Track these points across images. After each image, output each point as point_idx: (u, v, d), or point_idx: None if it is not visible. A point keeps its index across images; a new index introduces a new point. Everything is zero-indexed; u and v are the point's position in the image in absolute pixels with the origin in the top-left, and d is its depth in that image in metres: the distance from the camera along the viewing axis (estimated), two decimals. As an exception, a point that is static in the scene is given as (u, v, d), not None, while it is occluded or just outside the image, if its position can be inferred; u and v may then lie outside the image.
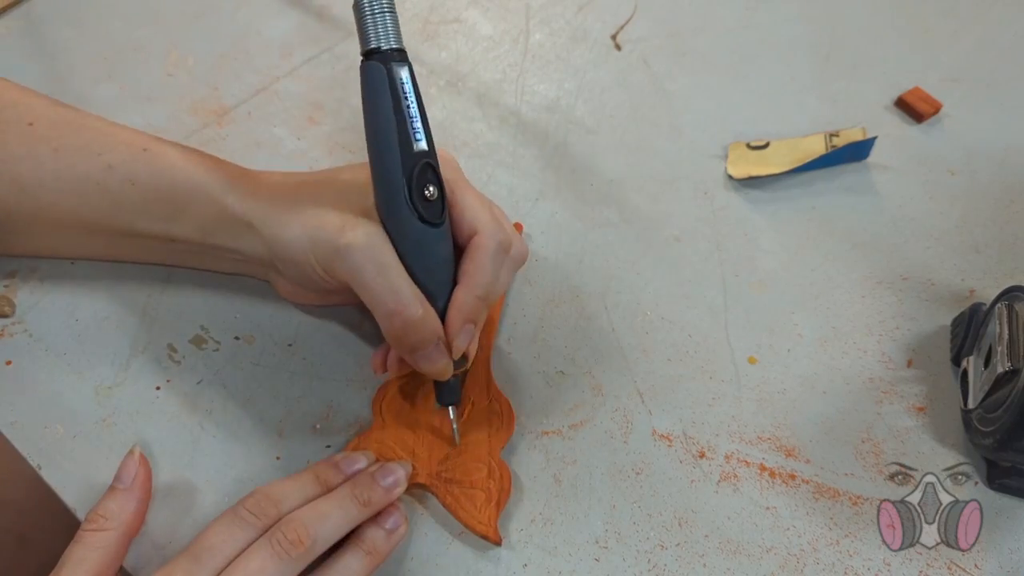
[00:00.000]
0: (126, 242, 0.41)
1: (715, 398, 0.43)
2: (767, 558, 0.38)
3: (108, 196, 0.39)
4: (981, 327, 0.42)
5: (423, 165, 0.34)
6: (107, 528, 0.34)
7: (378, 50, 0.34)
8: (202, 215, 0.39)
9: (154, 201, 0.39)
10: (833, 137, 0.52)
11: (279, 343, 0.43)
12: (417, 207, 0.34)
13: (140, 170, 0.39)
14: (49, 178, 0.38)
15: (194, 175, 0.39)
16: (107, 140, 0.39)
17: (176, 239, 0.40)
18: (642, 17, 0.60)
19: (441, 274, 0.36)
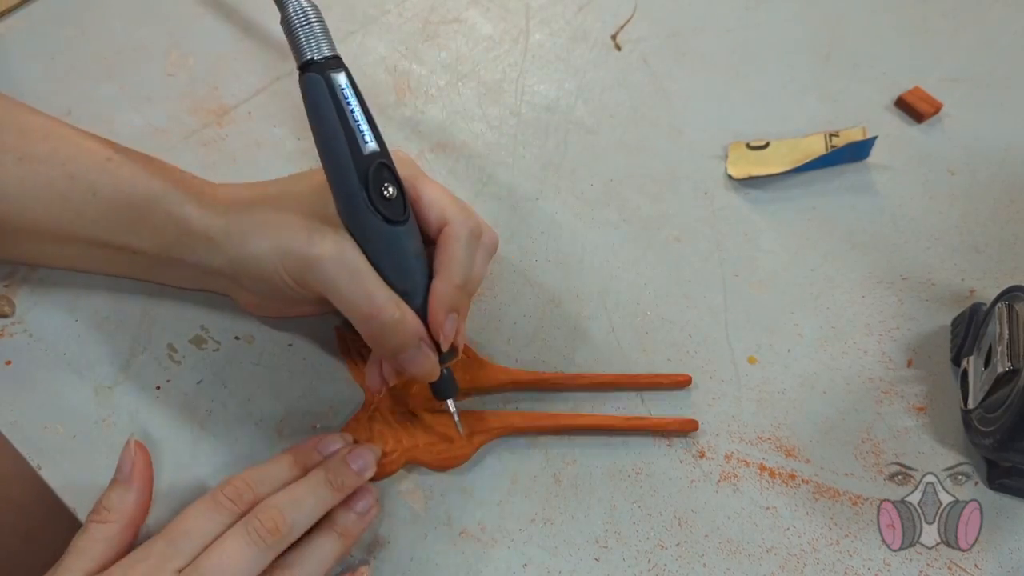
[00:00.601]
0: (94, 252, 0.41)
1: (715, 398, 0.43)
2: (767, 558, 0.38)
3: (70, 206, 0.38)
4: (981, 327, 0.42)
5: (377, 166, 0.34)
6: (110, 520, 0.35)
7: (312, 61, 0.34)
8: (160, 227, 0.39)
9: (115, 212, 0.38)
10: (833, 137, 0.52)
11: (279, 343, 0.43)
12: (378, 208, 0.34)
13: (102, 181, 0.38)
14: (12, 185, 0.38)
15: (153, 188, 0.38)
16: (72, 149, 0.39)
17: (137, 251, 0.40)
18: (642, 17, 0.60)
19: (415, 271, 0.36)
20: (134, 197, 0.38)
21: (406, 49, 0.57)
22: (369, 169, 0.34)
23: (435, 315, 0.36)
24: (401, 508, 0.39)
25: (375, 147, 0.34)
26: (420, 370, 0.36)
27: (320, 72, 0.33)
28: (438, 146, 0.52)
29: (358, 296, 0.34)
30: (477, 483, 0.40)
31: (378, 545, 0.38)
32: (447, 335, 0.36)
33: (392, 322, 0.34)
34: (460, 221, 0.36)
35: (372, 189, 0.34)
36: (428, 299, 0.36)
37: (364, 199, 0.34)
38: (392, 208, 0.35)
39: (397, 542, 0.38)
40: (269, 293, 0.38)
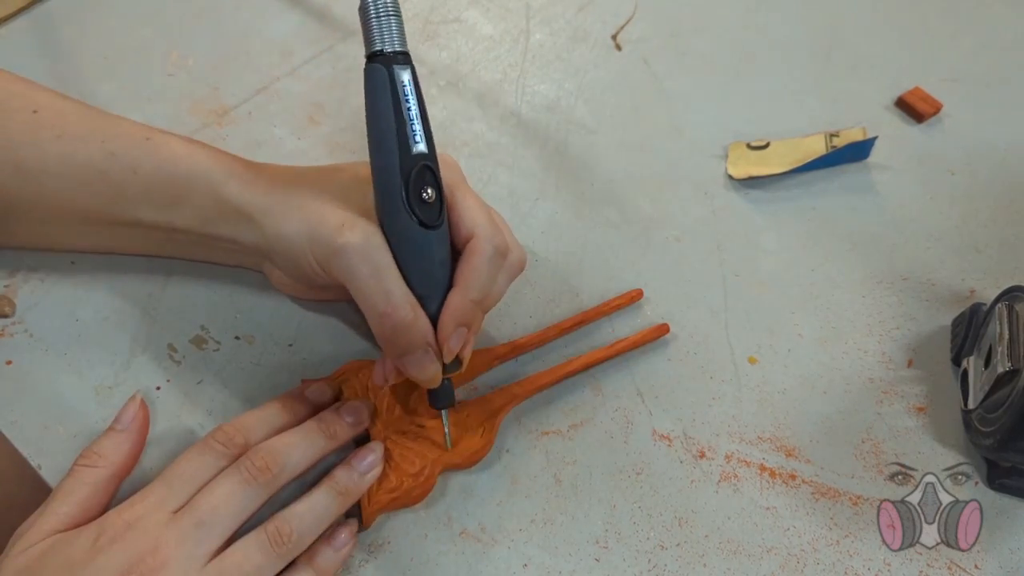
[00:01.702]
0: (126, 232, 0.41)
1: (715, 398, 0.43)
2: (767, 558, 0.38)
3: (110, 184, 0.39)
4: (981, 327, 0.42)
5: (421, 167, 0.34)
6: (99, 465, 0.36)
7: (381, 52, 0.34)
8: (202, 204, 0.39)
9: (155, 190, 0.39)
10: (833, 137, 0.52)
11: (279, 343, 0.43)
12: (414, 209, 0.34)
13: (142, 158, 0.39)
14: (52, 164, 0.39)
15: (195, 164, 0.39)
16: (110, 129, 0.40)
17: (176, 228, 0.40)
18: (642, 17, 0.60)
19: (437, 277, 0.36)
20: (176, 174, 0.39)
21: (406, 49, 0.57)
22: (413, 169, 0.34)
23: (444, 326, 0.36)
24: (401, 508, 0.39)
25: (424, 149, 0.34)
26: (422, 375, 0.36)
27: (386, 64, 0.34)
28: (438, 146, 0.51)
29: (376, 292, 0.34)
30: (477, 483, 0.40)
31: (378, 545, 0.38)
32: (451, 348, 0.36)
33: (404, 323, 0.35)
34: (487, 236, 0.36)
35: (412, 190, 0.34)
36: (442, 309, 0.36)
37: (402, 198, 0.34)
38: (428, 212, 0.35)
39: (397, 542, 0.38)
40: (298, 275, 0.39)
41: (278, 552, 0.33)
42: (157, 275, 0.45)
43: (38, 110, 0.39)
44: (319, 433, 0.37)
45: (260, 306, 0.44)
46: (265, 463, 0.34)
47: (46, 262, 0.44)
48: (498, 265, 0.37)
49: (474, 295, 0.36)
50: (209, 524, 0.33)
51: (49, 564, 0.32)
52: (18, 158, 0.39)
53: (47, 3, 0.57)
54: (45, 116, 0.39)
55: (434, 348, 0.36)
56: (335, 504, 0.36)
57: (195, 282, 0.45)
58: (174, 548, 0.32)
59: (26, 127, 0.39)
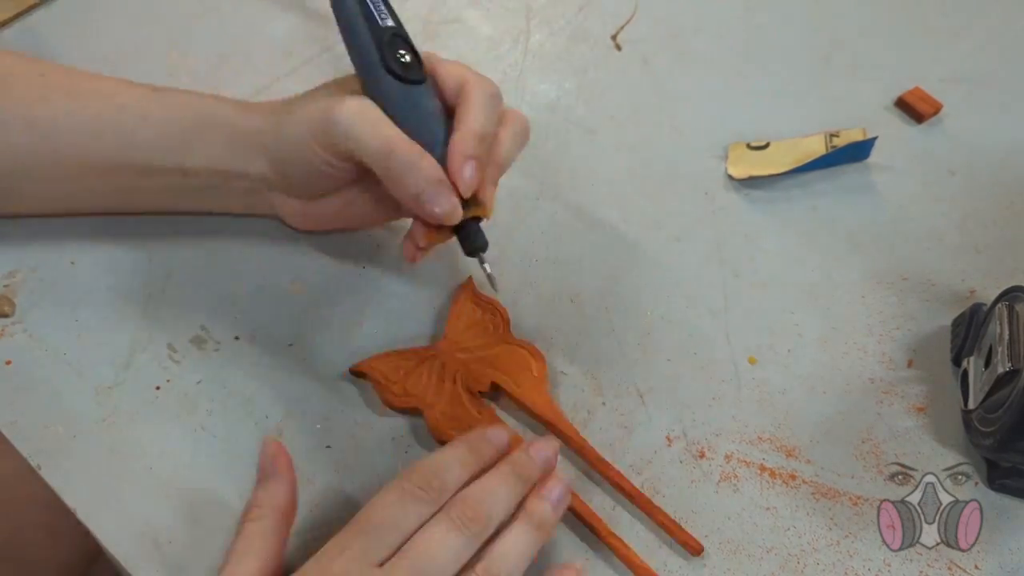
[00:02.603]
0: (140, 183, 0.42)
1: (715, 398, 0.43)
2: (767, 558, 0.38)
3: (121, 133, 0.40)
4: (981, 327, 0.41)
5: (392, 36, 0.37)
6: (263, 515, 0.34)
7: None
8: (212, 140, 0.40)
9: (166, 133, 0.40)
10: (833, 137, 0.52)
11: (279, 343, 0.43)
12: (392, 68, 0.37)
13: (152, 106, 0.41)
14: (62, 118, 0.40)
15: (203, 106, 0.41)
16: (117, 86, 0.42)
17: (189, 172, 0.41)
18: (642, 17, 0.60)
19: (434, 127, 0.38)
20: (185, 117, 0.40)
21: (406, 49, 0.57)
22: (384, 37, 0.37)
23: (453, 160, 0.36)
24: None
25: (392, 23, 0.38)
26: (441, 210, 0.36)
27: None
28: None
29: (378, 141, 0.36)
30: (477, 483, 0.40)
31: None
32: (466, 180, 0.36)
33: (410, 160, 0.36)
34: (477, 81, 0.38)
35: (388, 53, 0.37)
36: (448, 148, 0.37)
37: (380, 62, 0.37)
38: (408, 70, 0.37)
39: (397, 542, 0.38)
40: (308, 184, 0.40)
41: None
42: (157, 275, 0.45)
43: (45, 74, 0.41)
44: (516, 477, 0.34)
45: (260, 306, 0.44)
46: (476, 513, 0.32)
47: (46, 262, 0.44)
48: (495, 106, 0.38)
49: (476, 127, 0.37)
50: (429, 569, 0.31)
51: None
52: (29, 115, 0.40)
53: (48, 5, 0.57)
54: (53, 78, 0.41)
55: (446, 184, 0.36)
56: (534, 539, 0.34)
57: (195, 282, 0.45)
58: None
59: (35, 87, 0.40)
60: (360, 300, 0.45)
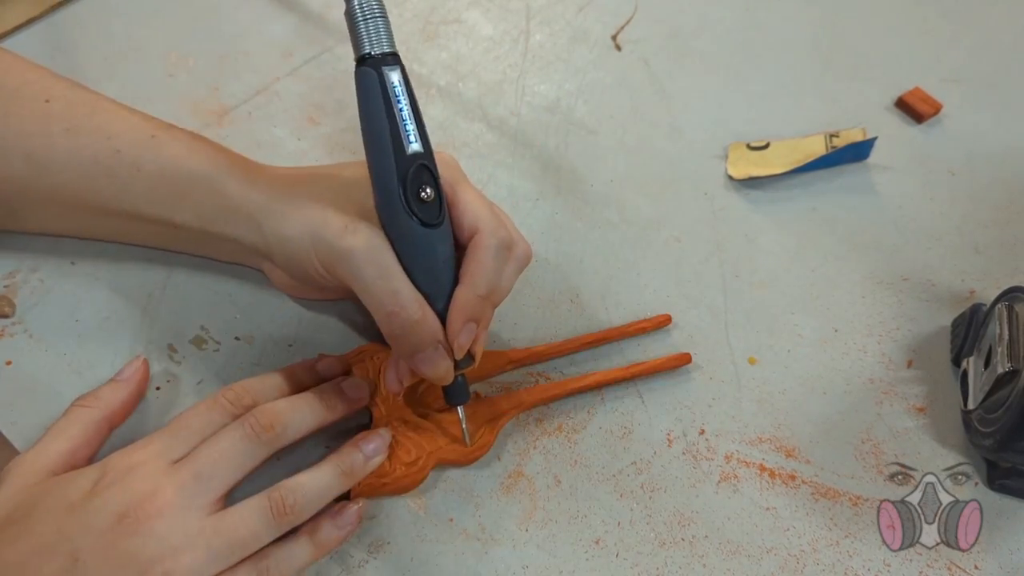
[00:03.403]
0: (130, 225, 0.42)
1: (715, 398, 0.43)
2: (767, 559, 0.38)
3: (114, 180, 0.40)
4: (981, 328, 0.42)
5: (418, 167, 0.35)
6: (94, 406, 0.37)
7: (370, 55, 0.34)
8: (203, 203, 0.40)
9: (157, 187, 0.40)
10: (833, 137, 0.52)
11: (279, 343, 0.43)
12: (414, 209, 0.35)
13: (146, 157, 0.40)
14: (60, 156, 0.39)
15: (197, 164, 0.39)
16: (118, 124, 0.40)
17: (177, 225, 0.41)
18: (642, 17, 0.60)
19: (442, 276, 0.36)
20: (178, 173, 0.39)
21: (406, 49, 0.57)
22: (410, 169, 0.34)
23: (453, 323, 0.36)
24: (401, 508, 0.39)
25: (419, 148, 0.35)
26: (434, 372, 0.36)
27: (375, 67, 0.34)
28: (438, 146, 0.51)
29: (383, 292, 0.35)
30: (477, 483, 0.40)
31: (378, 545, 0.38)
32: (462, 344, 0.36)
33: (412, 322, 0.35)
34: (491, 231, 0.37)
35: (410, 190, 0.34)
36: (450, 305, 0.36)
37: (401, 199, 0.34)
38: (428, 211, 0.35)
39: (397, 542, 0.38)
40: (300, 276, 0.39)
41: (277, 521, 0.34)
42: (157, 275, 0.45)
43: (50, 100, 0.40)
44: (320, 403, 0.37)
45: (260, 306, 0.44)
46: (269, 421, 0.35)
47: (46, 262, 0.45)
48: (504, 258, 0.37)
49: (481, 290, 0.36)
50: (208, 476, 0.33)
51: (47, 502, 0.33)
52: (29, 148, 0.39)
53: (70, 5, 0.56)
54: (56, 107, 0.40)
55: (444, 345, 0.36)
56: (337, 482, 0.36)
57: (195, 282, 0.45)
58: (172, 496, 0.32)
59: (37, 118, 0.40)
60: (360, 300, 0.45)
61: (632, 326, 0.44)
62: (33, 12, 0.55)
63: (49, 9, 0.55)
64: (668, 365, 0.43)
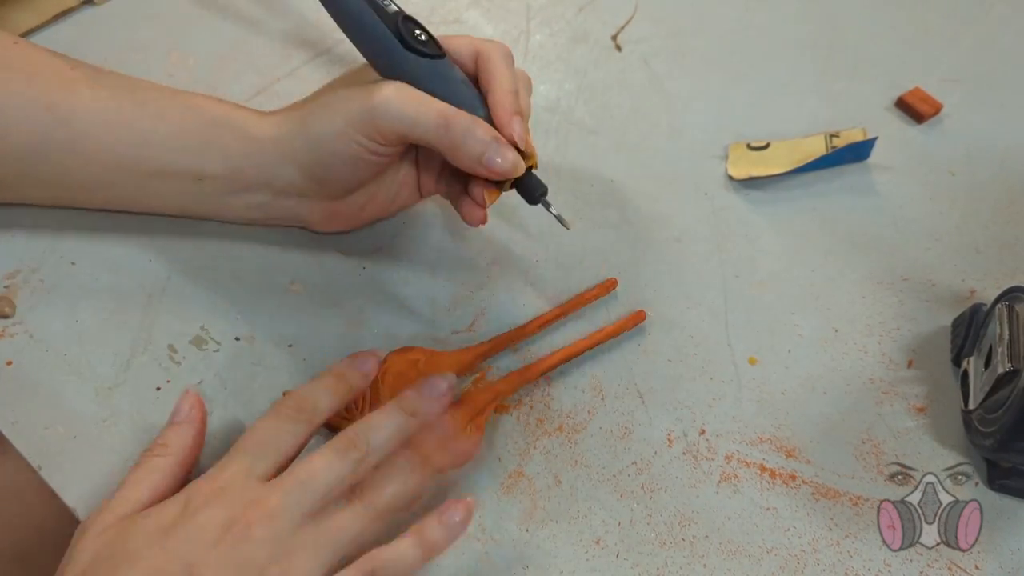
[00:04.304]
0: (155, 184, 0.42)
1: (715, 398, 0.43)
2: (767, 559, 0.38)
3: (139, 130, 0.40)
4: (981, 328, 0.42)
5: (403, 18, 0.38)
6: (167, 454, 0.36)
7: None
8: (231, 147, 0.41)
9: (183, 134, 0.41)
10: (833, 138, 0.52)
11: (279, 343, 0.43)
12: (415, 47, 0.38)
13: (170, 107, 0.41)
14: (83, 106, 0.40)
15: (221, 110, 0.41)
16: (139, 84, 0.42)
17: (205, 176, 0.41)
18: (642, 18, 0.60)
19: (467, 93, 0.39)
20: (201, 119, 0.41)
21: (406, 49, 0.57)
22: (397, 21, 0.38)
23: (502, 117, 0.38)
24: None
25: (396, 8, 0.38)
26: (507, 164, 0.38)
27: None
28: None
29: (431, 115, 0.37)
30: (477, 483, 0.40)
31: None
32: (518, 133, 0.38)
33: (467, 123, 0.37)
34: (493, 47, 0.40)
35: (405, 35, 0.38)
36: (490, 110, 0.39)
37: (399, 44, 0.38)
38: (428, 47, 0.38)
39: (397, 542, 0.38)
40: (344, 175, 0.40)
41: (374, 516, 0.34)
42: (157, 275, 0.45)
43: (75, 67, 0.42)
44: (399, 411, 0.36)
45: (260, 306, 0.44)
46: (355, 442, 0.34)
47: (46, 262, 0.44)
48: (511, 64, 0.40)
49: (509, 86, 0.39)
50: (310, 484, 0.33)
51: (136, 536, 0.32)
52: (50, 100, 0.40)
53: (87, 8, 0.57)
54: (81, 71, 0.42)
55: (502, 139, 0.38)
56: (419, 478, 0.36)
57: (195, 282, 0.45)
58: (278, 501, 0.32)
59: (61, 76, 0.41)
60: (360, 300, 0.45)
61: (580, 297, 0.45)
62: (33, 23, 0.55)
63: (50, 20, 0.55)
64: (627, 326, 0.44)
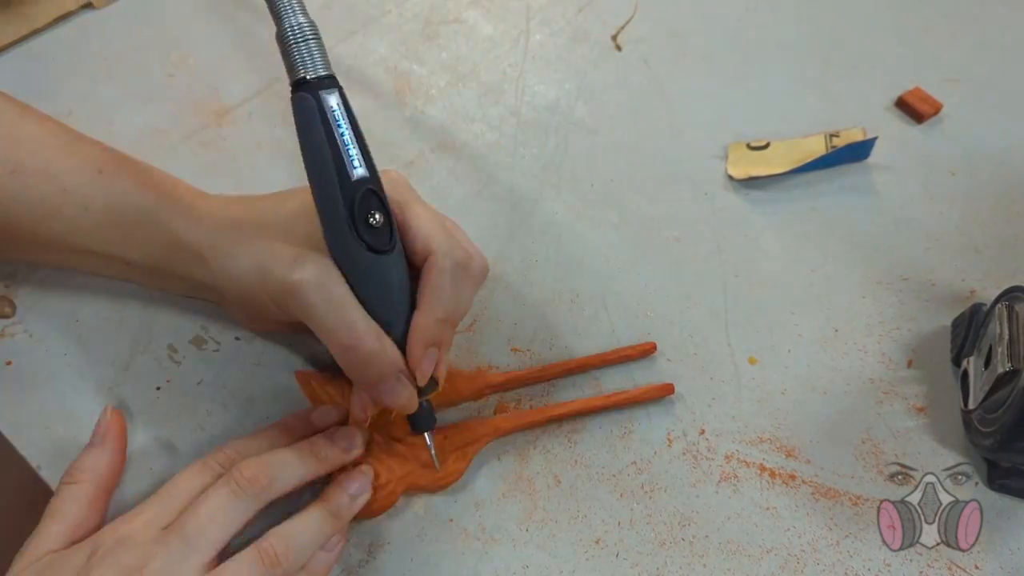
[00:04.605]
0: (88, 260, 0.41)
1: (715, 398, 0.43)
2: (767, 558, 0.38)
3: (63, 219, 0.39)
4: (981, 327, 0.42)
5: (364, 192, 0.33)
6: (82, 480, 0.36)
7: (305, 80, 0.33)
8: (150, 241, 0.39)
9: (105, 226, 0.39)
10: (833, 137, 0.52)
11: (279, 343, 0.43)
12: (363, 236, 0.33)
13: (93, 195, 0.39)
14: (10, 198, 0.39)
15: (143, 201, 0.39)
16: (64, 162, 0.39)
17: (129, 263, 0.40)
18: (642, 17, 0.60)
19: (397, 302, 0.35)
20: (125, 211, 0.39)
21: (406, 49, 0.57)
22: (356, 195, 0.33)
23: (413, 350, 0.35)
24: (401, 509, 0.39)
25: (364, 173, 0.33)
26: (397, 402, 0.35)
27: (312, 92, 0.32)
28: (438, 147, 0.52)
29: (338, 325, 0.33)
30: (477, 483, 0.40)
31: (378, 545, 0.38)
32: (424, 371, 0.35)
33: (371, 354, 0.33)
34: (445, 252, 0.35)
35: (358, 217, 0.33)
36: (408, 332, 0.35)
37: (349, 227, 0.33)
38: (378, 237, 0.34)
39: (397, 542, 0.38)
40: (253, 312, 0.39)
41: (272, 572, 0.33)
42: (157, 275, 0.45)
43: None
44: (311, 455, 0.36)
45: (260, 306, 0.44)
46: (254, 474, 0.34)
47: (46, 262, 0.45)
48: (459, 278, 0.36)
49: (439, 314, 0.35)
50: (196, 538, 0.32)
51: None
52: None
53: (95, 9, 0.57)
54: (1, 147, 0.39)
55: (406, 374, 0.35)
56: (328, 524, 0.35)
57: (195, 282, 0.45)
58: (161, 564, 0.32)
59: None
60: (360, 300, 0.45)
61: (615, 353, 0.43)
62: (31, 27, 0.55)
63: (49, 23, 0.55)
64: (651, 395, 0.42)
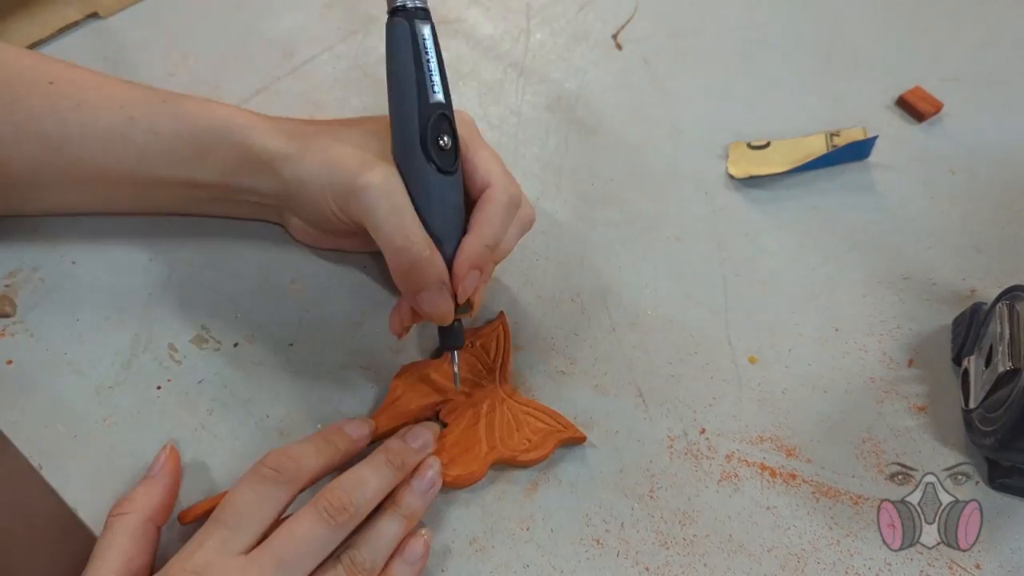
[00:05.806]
0: (151, 192, 0.42)
1: (716, 398, 0.43)
2: (768, 558, 0.38)
3: (132, 147, 0.40)
4: (982, 327, 0.42)
5: (439, 116, 0.36)
6: (131, 511, 0.35)
7: (403, 7, 0.36)
8: (223, 157, 0.40)
9: (177, 147, 0.40)
10: (834, 136, 0.52)
11: (279, 343, 0.43)
12: (431, 154, 0.36)
13: (162, 119, 0.40)
14: (74, 133, 0.39)
15: (215, 118, 0.40)
16: (127, 94, 0.41)
17: (199, 184, 0.41)
18: (643, 17, 0.60)
19: (451, 221, 0.37)
20: (196, 131, 0.40)
21: (406, 49, 0.57)
22: (431, 117, 0.36)
23: (459, 267, 0.37)
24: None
25: (441, 99, 0.37)
26: (435, 311, 0.37)
27: (407, 19, 0.36)
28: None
29: (395, 228, 0.36)
30: (477, 484, 0.40)
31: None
32: (466, 288, 0.37)
33: (421, 259, 0.36)
34: (502, 186, 0.38)
35: (430, 136, 0.36)
36: (457, 251, 0.37)
37: (420, 143, 0.36)
38: (444, 158, 0.37)
39: (397, 542, 0.38)
40: (317, 220, 0.40)
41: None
42: (157, 275, 0.45)
43: (53, 81, 0.40)
44: (388, 465, 0.36)
45: (260, 306, 0.44)
46: (342, 503, 0.33)
47: (47, 262, 0.45)
48: (511, 214, 0.38)
49: (488, 240, 0.37)
50: (291, 564, 0.31)
51: None
52: (40, 129, 0.39)
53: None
54: (61, 87, 0.40)
55: (448, 288, 0.37)
56: (402, 527, 0.35)
57: (195, 282, 0.45)
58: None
59: (44, 99, 0.40)
60: (360, 300, 0.45)
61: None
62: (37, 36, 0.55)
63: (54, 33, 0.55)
64: None
